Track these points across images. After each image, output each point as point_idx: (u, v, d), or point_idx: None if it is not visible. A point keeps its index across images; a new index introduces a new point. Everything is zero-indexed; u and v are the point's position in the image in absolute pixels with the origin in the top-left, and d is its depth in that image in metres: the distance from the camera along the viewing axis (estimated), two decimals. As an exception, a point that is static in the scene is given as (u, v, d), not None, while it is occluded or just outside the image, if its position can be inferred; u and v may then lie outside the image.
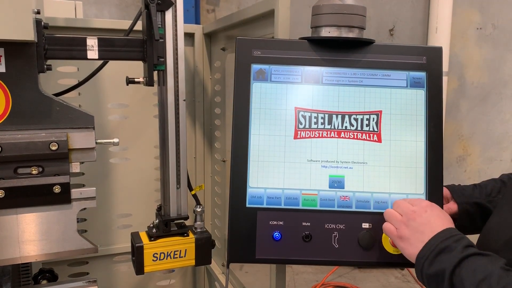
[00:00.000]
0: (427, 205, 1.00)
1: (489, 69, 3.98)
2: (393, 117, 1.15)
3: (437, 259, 0.90)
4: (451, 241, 0.91)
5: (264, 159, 1.13)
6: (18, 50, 1.04)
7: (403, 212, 1.00)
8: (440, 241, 0.92)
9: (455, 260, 0.88)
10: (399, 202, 1.04)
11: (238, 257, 1.11)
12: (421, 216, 0.97)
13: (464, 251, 0.89)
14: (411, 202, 1.02)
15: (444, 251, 0.90)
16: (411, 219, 0.98)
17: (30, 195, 1.08)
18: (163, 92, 1.28)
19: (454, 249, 0.89)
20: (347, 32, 1.13)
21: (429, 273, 0.91)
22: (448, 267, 0.88)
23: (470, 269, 0.86)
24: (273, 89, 1.15)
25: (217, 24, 1.74)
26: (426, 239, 0.94)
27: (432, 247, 0.92)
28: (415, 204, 1.01)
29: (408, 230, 0.98)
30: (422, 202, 1.01)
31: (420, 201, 1.02)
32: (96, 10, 3.60)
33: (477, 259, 0.88)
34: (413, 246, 0.96)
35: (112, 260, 1.91)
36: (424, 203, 1.01)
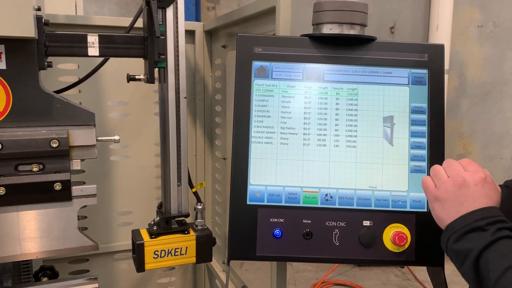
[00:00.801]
0: (481, 178, 0.90)
1: (490, 67, 3.97)
2: (395, 115, 1.14)
3: (466, 237, 0.85)
4: (486, 222, 0.85)
5: (265, 156, 1.13)
6: (19, 47, 1.04)
7: (451, 174, 0.92)
8: (476, 219, 0.86)
9: (484, 242, 0.83)
10: (451, 162, 0.95)
11: (238, 254, 1.11)
12: (469, 187, 0.89)
13: (496, 233, 0.83)
14: (465, 166, 0.93)
15: (475, 231, 0.85)
16: (457, 185, 0.90)
17: (30, 192, 1.08)
18: (164, 90, 1.28)
19: (486, 230, 0.84)
20: (349, 29, 1.13)
21: (454, 248, 0.87)
22: (475, 248, 0.83)
23: (499, 253, 0.81)
24: (274, 86, 1.14)
25: (218, 21, 1.74)
26: (463, 211, 0.88)
27: (465, 222, 0.86)
28: (469, 170, 0.92)
29: (448, 194, 0.91)
30: (477, 170, 0.92)
31: (476, 169, 0.92)
32: (96, 7, 3.60)
33: (508, 243, 0.82)
34: (446, 212, 0.90)
35: (113, 258, 1.91)
36: (479, 173, 0.91)
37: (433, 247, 1.09)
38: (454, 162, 0.95)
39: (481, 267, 0.83)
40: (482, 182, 0.90)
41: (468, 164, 0.94)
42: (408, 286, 3.38)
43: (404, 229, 1.10)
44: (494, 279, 0.80)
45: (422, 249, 1.10)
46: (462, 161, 0.96)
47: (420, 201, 1.12)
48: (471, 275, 0.84)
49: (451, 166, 0.94)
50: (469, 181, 0.90)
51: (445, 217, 0.91)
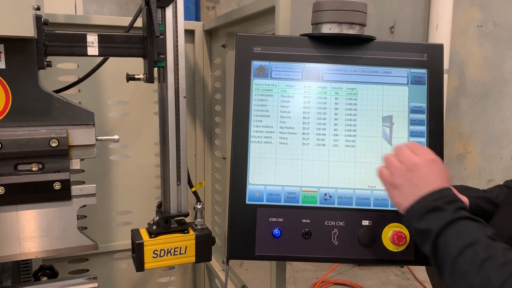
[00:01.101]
0: (430, 159, 0.95)
1: (490, 67, 3.97)
2: (394, 114, 1.14)
3: (426, 218, 0.89)
4: (443, 201, 0.89)
5: (264, 156, 1.13)
6: (18, 47, 1.04)
7: (403, 161, 0.96)
8: (433, 199, 0.90)
9: (443, 222, 0.87)
10: (401, 148, 0.99)
11: (237, 253, 1.12)
12: (421, 170, 0.93)
13: (455, 213, 0.87)
14: (414, 150, 0.97)
15: (434, 211, 0.89)
16: (409, 170, 0.94)
17: (30, 191, 1.08)
18: (163, 89, 1.28)
19: (445, 210, 0.88)
20: (348, 29, 1.13)
21: (417, 228, 0.91)
22: (435, 227, 0.87)
23: (457, 233, 0.85)
24: (273, 85, 1.14)
25: (218, 21, 1.74)
26: (419, 194, 0.91)
27: (424, 204, 0.90)
28: (419, 154, 0.96)
29: (403, 180, 0.94)
30: (426, 153, 0.96)
31: (425, 152, 0.96)
32: (96, 7, 3.60)
33: (467, 223, 0.86)
34: (404, 197, 0.94)
35: (113, 257, 1.91)
36: (428, 156, 0.96)
37: (432, 247, 1.09)
38: (403, 147, 0.99)
39: (440, 247, 0.86)
40: (433, 163, 0.95)
41: (417, 148, 0.98)
42: (408, 285, 3.38)
43: (403, 229, 1.10)
44: (453, 258, 0.83)
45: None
46: (409, 145, 1.00)
47: (419, 201, 1.12)
48: (432, 254, 0.88)
49: (401, 153, 0.97)
50: (420, 163, 0.94)
51: (404, 202, 0.94)
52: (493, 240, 0.83)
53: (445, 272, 0.85)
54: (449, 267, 0.84)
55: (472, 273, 0.80)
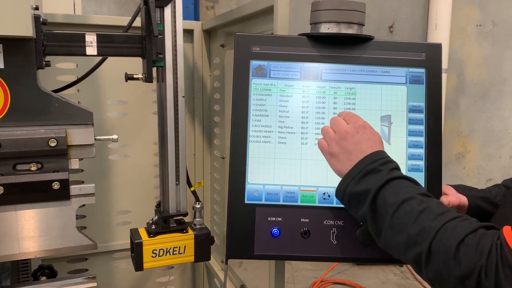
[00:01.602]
0: (360, 126, 1.01)
1: (489, 66, 3.98)
2: (393, 114, 1.15)
3: (364, 180, 0.95)
4: (378, 163, 0.95)
5: (263, 155, 1.13)
6: (17, 46, 1.04)
7: (337, 130, 1.02)
8: (368, 163, 0.96)
9: (380, 182, 0.93)
10: (335, 119, 1.05)
11: (236, 253, 1.12)
12: (353, 136, 0.99)
13: (390, 173, 0.94)
14: (346, 119, 1.03)
15: (371, 173, 0.95)
16: (342, 138, 1.00)
17: (29, 191, 1.08)
18: (162, 89, 1.28)
19: (381, 171, 0.94)
20: (346, 29, 1.13)
21: (353, 191, 0.96)
22: (373, 187, 0.93)
23: (394, 191, 0.92)
24: (272, 85, 1.15)
25: (216, 20, 1.74)
26: (354, 159, 0.98)
27: (360, 168, 0.96)
28: (350, 122, 1.02)
29: (338, 148, 1.01)
30: (356, 121, 1.02)
31: (355, 120, 1.02)
32: (95, 6, 3.60)
33: (401, 182, 0.93)
34: (341, 164, 1.00)
35: (112, 257, 1.92)
36: (357, 123, 1.01)
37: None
38: (337, 118, 1.05)
39: (378, 204, 0.93)
40: (362, 128, 1.01)
41: (349, 117, 1.04)
42: (407, 285, 3.38)
43: (402, 228, 1.10)
44: (391, 213, 0.90)
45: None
46: (342, 114, 1.06)
47: (417, 200, 1.12)
48: (370, 214, 0.94)
49: (336, 123, 1.04)
50: (351, 131, 1.00)
51: (342, 168, 1.00)
52: (427, 196, 0.91)
53: (383, 228, 0.92)
54: (388, 221, 0.91)
55: (409, 224, 0.87)
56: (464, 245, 0.81)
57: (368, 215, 0.94)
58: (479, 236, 0.81)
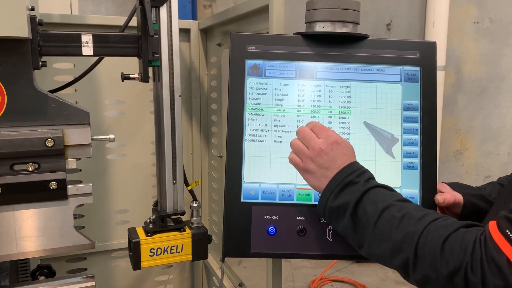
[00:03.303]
0: (333, 142, 1.01)
1: (487, 63, 3.98)
2: (388, 112, 1.15)
3: (342, 193, 0.96)
4: (354, 175, 0.97)
5: (259, 154, 1.13)
6: (13, 47, 1.04)
7: (310, 147, 1.01)
8: (345, 176, 0.97)
9: (358, 194, 0.94)
10: (306, 133, 1.03)
11: (233, 251, 1.12)
12: (327, 154, 1.00)
13: (366, 184, 0.96)
14: (317, 132, 1.02)
15: (348, 185, 0.96)
16: (317, 156, 1.00)
17: (26, 191, 1.08)
18: (158, 88, 1.28)
19: (357, 183, 0.96)
20: (341, 27, 1.14)
21: (332, 206, 0.97)
22: (352, 200, 0.94)
23: (372, 201, 0.93)
24: (267, 84, 1.15)
25: (213, 19, 1.75)
26: (331, 174, 0.99)
27: (337, 182, 0.97)
28: (321, 137, 1.01)
29: (314, 165, 1.01)
30: (328, 136, 1.01)
31: (327, 135, 1.01)
32: (92, 6, 3.60)
33: (378, 191, 0.95)
34: (318, 180, 1.01)
35: (110, 256, 1.92)
36: (330, 138, 1.01)
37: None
38: (306, 131, 1.03)
39: (359, 216, 0.94)
40: (336, 145, 1.01)
41: (319, 131, 1.03)
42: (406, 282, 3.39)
43: (397, 225, 1.11)
44: (372, 223, 0.92)
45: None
46: (313, 127, 1.04)
47: (412, 198, 1.12)
48: (350, 226, 0.95)
49: (307, 138, 1.03)
50: (325, 148, 1.00)
51: (319, 184, 1.01)
52: (405, 201, 0.94)
53: (366, 239, 0.93)
54: (370, 231, 0.92)
55: (392, 231, 0.89)
56: (448, 243, 0.83)
57: (349, 227, 0.96)
58: (461, 234, 0.83)
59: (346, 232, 0.98)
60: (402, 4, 3.87)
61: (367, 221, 0.93)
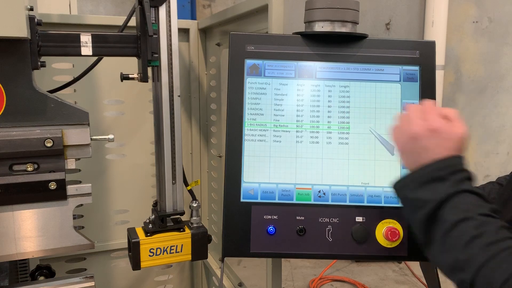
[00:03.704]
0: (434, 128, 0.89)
1: (486, 63, 3.98)
2: (387, 112, 1.15)
3: (425, 187, 0.86)
4: (448, 171, 0.86)
5: (258, 154, 1.13)
6: (11, 47, 1.04)
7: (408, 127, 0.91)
8: (437, 168, 0.86)
9: (441, 195, 0.84)
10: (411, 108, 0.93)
11: (232, 251, 1.12)
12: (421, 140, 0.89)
13: (456, 186, 0.85)
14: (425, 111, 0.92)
15: (434, 181, 0.86)
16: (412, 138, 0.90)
17: (25, 191, 1.08)
18: (157, 88, 1.28)
19: (446, 181, 0.85)
20: (340, 27, 1.14)
21: (411, 197, 0.88)
22: (433, 199, 0.85)
23: (454, 206, 0.83)
24: (266, 84, 1.15)
25: (212, 19, 1.75)
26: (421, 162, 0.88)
27: (426, 171, 0.87)
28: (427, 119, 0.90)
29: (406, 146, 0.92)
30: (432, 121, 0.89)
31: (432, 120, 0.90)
32: (91, 6, 3.59)
33: (465, 197, 0.84)
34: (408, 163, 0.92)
35: (110, 256, 1.92)
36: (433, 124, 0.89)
37: (425, 242, 1.10)
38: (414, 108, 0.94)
39: (437, 218, 0.84)
40: (435, 133, 0.89)
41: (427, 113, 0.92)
42: (406, 281, 3.40)
43: (397, 225, 1.11)
44: (444, 231, 0.82)
45: (414, 245, 1.10)
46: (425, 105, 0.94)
47: (412, 197, 1.12)
48: (422, 226, 0.86)
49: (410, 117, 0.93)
50: (422, 133, 0.89)
51: (408, 167, 0.92)
52: (489, 217, 0.82)
53: (435, 243, 0.85)
54: (440, 238, 0.84)
55: (459, 248, 0.80)
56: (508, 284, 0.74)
57: (422, 225, 0.87)
58: None
59: (416, 226, 0.89)
60: (401, 3, 3.87)
61: (441, 226, 0.84)
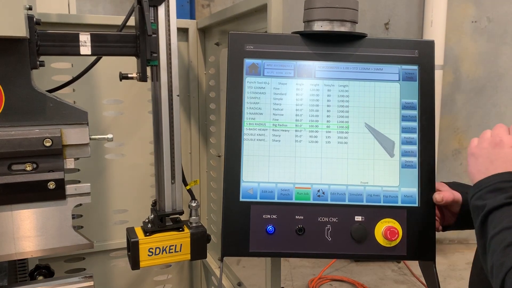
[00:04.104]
0: None
1: (484, 62, 3.99)
2: (386, 111, 1.15)
3: (486, 196, 0.91)
4: (509, 184, 0.90)
5: (257, 153, 1.13)
6: (10, 47, 1.04)
7: (493, 134, 0.98)
8: (500, 180, 0.91)
9: (499, 202, 0.88)
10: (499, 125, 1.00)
11: (232, 250, 1.12)
12: (503, 147, 0.94)
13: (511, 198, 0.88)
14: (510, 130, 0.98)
15: (496, 191, 0.90)
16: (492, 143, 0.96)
17: (24, 191, 1.08)
18: (156, 88, 1.28)
19: (507, 192, 0.89)
20: (339, 26, 1.14)
21: (474, 204, 0.94)
22: (488, 205, 0.89)
23: (506, 215, 0.87)
24: (266, 83, 1.15)
25: (211, 19, 1.74)
26: (492, 170, 0.93)
27: (490, 182, 0.92)
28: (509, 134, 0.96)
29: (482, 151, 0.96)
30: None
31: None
32: (90, 5, 3.59)
33: None
34: (477, 168, 0.96)
35: (109, 256, 1.92)
36: None
37: (424, 242, 1.11)
38: (502, 126, 0.99)
39: (487, 223, 0.89)
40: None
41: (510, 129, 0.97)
42: (405, 281, 3.40)
43: (396, 224, 1.11)
44: (490, 236, 0.87)
45: (413, 244, 1.11)
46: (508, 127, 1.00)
47: (411, 196, 1.13)
48: (478, 229, 0.91)
49: (497, 128, 0.99)
50: (506, 141, 0.94)
51: (475, 172, 0.97)
52: None
53: (486, 248, 0.89)
54: (487, 243, 0.88)
55: (497, 252, 0.84)
56: None
57: (477, 230, 0.92)
58: None
59: (476, 234, 0.93)
60: (400, 3, 3.87)
61: (489, 231, 0.88)
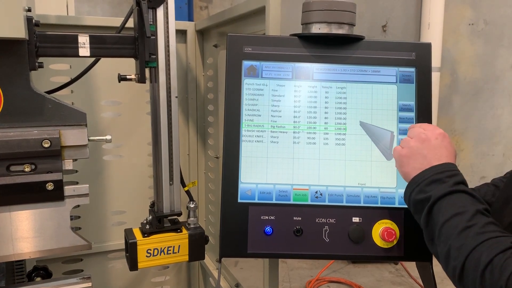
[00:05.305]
0: (440, 133, 1.02)
1: (481, 65, 4.01)
2: (383, 113, 1.16)
3: (427, 188, 0.96)
4: (445, 175, 0.96)
5: (255, 155, 1.14)
6: (9, 48, 1.04)
7: (414, 135, 1.03)
8: (435, 172, 0.96)
9: (442, 191, 0.94)
10: (412, 126, 1.08)
11: (230, 251, 1.13)
12: (430, 141, 1.01)
13: (454, 186, 0.94)
14: (425, 127, 1.04)
15: (436, 182, 0.95)
16: (419, 140, 1.01)
17: (23, 192, 1.08)
18: (155, 89, 1.29)
19: (445, 182, 0.95)
20: (337, 29, 1.14)
21: (416, 198, 0.98)
22: (433, 195, 0.94)
23: (451, 203, 0.93)
24: (264, 85, 1.16)
25: (210, 20, 1.75)
26: (426, 164, 0.99)
27: (426, 176, 0.97)
28: (428, 129, 1.03)
29: (412, 150, 1.01)
30: (435, 129, 1.04)
31: (434, 128, 1.04)
32: (88, 7, 3.59)
33: (461, 196, 0.94)
34: (411, 166, 1.01)
35: (107, 257, 1.92)
36: (437, 130, 1.03)
37: (421, 243, 1.11)
38: (415, 125, 1.08)
39: (434, 213, 0.94)
40: (442, 137, 1.02)
41: (427, 126, 1.05)
42: (402, 282, 3.41)
43: (393, 225, 1.12)
44: (441, 223, 0.92)
45: (411, 245, 1.11)
46: (421, 125, 1.07)
47: (408, 198, 1.13)
48: (425, 220, 0.96)
49: (413, 130, 1.05)
50: (430, 135, 1.01)
51: (410, 171, 1.01)
52: (480, 213, 0.90)
53: (434, 236, 0.94)
54: (438, 230, 0.92)
55: (453, 237, 0.89)
56: (491, 264, 0.81)
57: (423, 221, 0.96)
58: (507, 256, 0.81)
59: (422, 225, 0.98)
60: (398, 5, 3.89)
61: (438, 219, 0.92)
